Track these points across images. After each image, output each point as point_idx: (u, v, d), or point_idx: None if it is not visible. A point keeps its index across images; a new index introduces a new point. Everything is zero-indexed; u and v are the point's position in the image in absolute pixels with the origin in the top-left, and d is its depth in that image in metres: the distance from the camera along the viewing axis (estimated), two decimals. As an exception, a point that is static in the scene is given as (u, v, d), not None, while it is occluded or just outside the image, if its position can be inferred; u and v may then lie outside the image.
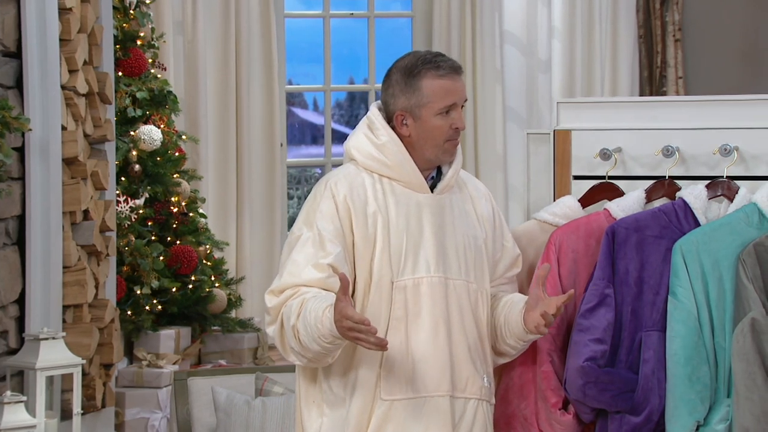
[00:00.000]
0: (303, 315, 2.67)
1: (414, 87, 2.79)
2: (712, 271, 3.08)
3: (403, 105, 2.81)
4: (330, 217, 2.77)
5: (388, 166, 2.82)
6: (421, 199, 2.83)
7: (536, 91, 6.79)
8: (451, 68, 2.81)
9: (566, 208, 3.32)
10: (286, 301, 2.72)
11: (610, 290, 3.13)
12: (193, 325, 5.43)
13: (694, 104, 3.51)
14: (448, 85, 2.80)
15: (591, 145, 3.42)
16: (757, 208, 3.14)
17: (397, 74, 2.83)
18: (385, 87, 2.87)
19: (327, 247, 2.73)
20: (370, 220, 2.78)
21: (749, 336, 2.99)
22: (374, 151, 2.82)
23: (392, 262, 2.77)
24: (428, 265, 2.79)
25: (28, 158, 3.78)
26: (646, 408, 3.07)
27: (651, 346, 3.10)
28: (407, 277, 2.78)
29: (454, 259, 2.83)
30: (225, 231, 6.19)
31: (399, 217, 2.80)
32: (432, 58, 2.82)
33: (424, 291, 2.79)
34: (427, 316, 2.78)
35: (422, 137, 2.81)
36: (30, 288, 3.78)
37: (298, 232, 2.80)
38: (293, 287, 2.73)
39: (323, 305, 2.64)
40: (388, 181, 2.82)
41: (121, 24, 5.23)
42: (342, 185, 2.80)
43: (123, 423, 4.88)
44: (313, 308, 2.65)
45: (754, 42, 6.96)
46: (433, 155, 2.84)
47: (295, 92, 7.00)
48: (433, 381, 2.77)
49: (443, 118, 2.80)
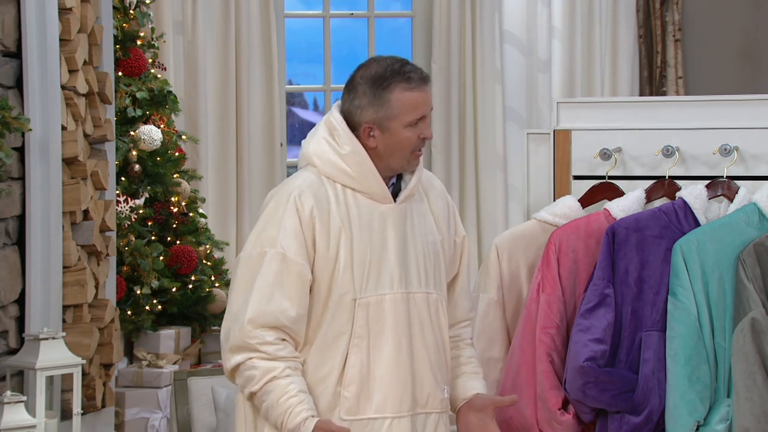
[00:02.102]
0: (272, 396, 2.63)
1: (383, 99, 2.70)
2: (712, 271, 3.08)
3: (370, 117, 2.72)
4: (294, 234, 2.68)
5: (351, 177, 2.73)
6: (384, 210, 2.75)
7: (536, 91, 6.79)
8: (420, 80, 2.73)
9: (566, 208, 3.32)
10: (254, 353, 2.65)
11: (610, 290, 3.13)
12: (193, 324, 5.43)
13: (694, 104, 3.51)
14: (418, 97, 2.72)
15: (591, 145, 3.42)
16: (757, 208, 3.14)
17: (364, 85, 2.73)
18: (349, 97, 2.75)
19: (296, 282, 2.67)
20: (333, 236, 2.70)
21: (749, 336, 2.99)
22: (337, 160, 2.74)
23: (354, 279, 2.71)
24: (391, 281, 2.73)
25: (28, 158, 3.78)
26: (646, 408, 3.07)
27: (651, 346, 3.10)
28: (370, 295, 2.71)
29: (415, 271, 2.77)
30: (225, 231, 6.19)
31: (362, 232, 2.72)
32: (400, 68, 2.73)
33: (387, 308, 2.72)
34: (390, 334, 2.72)
35: (389, 149, 2.73)
36: (30, 288, 3.77)
37: (260, 248, 2.69)
38: (267, 337, 2.65)
39: (303, 409, 2.62)
40: (351, 192, 2.74)
41: (121, 24, 5.23)
42: (307, 199, 2.70)
43: (123, 423, 4.88)
44: (288, 403, 2.62)
45: (754, 42, 6.96)
46: (399, 166, 2.77)
47: (295, 92, 7.00)
48: (395, 402, 2.72)
49: (412, 129, 2.73)
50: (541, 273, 3.20)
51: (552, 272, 3.18)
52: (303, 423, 2.62)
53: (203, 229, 5.58)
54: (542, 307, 3.18)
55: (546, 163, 3.56)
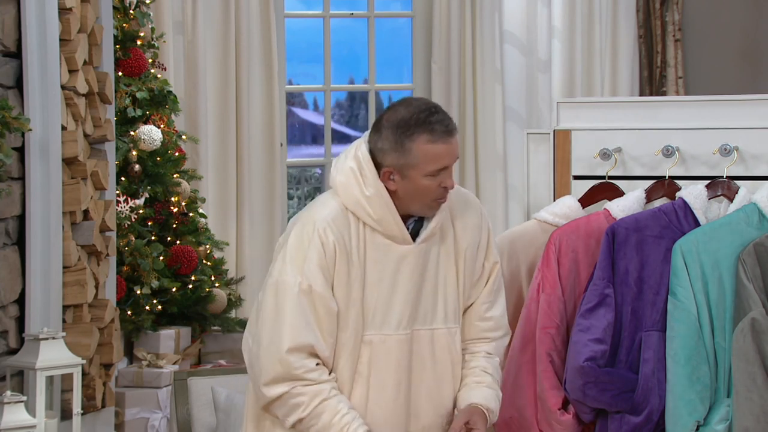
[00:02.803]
0: (324, 418, 2.65)
1: (405, 148, 2.69)
2: (712, 271, 3.08)
3: (391, 162, 2.71)
4: (319, 266, 2.69)
5: (373, 218, 2.73)
6: (402, 251, 2.75)
7: (536, 90, 6.79)
8: (445, 132, 2.71)
9: (566, 208, 3.32)
10: (298, 379, 2.66)
11: (610, 290, 3.13)
12: (193, 325, 5.43)
13: (694, 104, 3.51)
14: (440, 150, 2.71)
15: (591, 145, 3.42)
16: (757, 208, 3.14)
17: (388, 130, 2.71)
18: (374, 138, 2.74)
19: (321, 311, 2.68)
20: (351, 272, 2.71)
21: (749, 336, 2.99)
22: (361, 199, 2.73)
23: (364, 316, 2.72)
24: (399, 323, 2.73)
25: (28, 158, 3.78)
26: (646, 408, 3.07)
27: (651, 346, 3.10)
28: (374, 332, 2.72)
29: (423, 308, 2.77)
30: (225, 231, 6.18)
31: (375, 271, 2.73)
32: (426, 118, 2.70)
33: (391, 348, 2.73)
34: (391, 375, 2.74)
35: (409, 195, 2.73)
36: (30, 288, 3.77)
37: (287, 277, 2.70)
38: (309, 364, 2.66)
39: (359, 424, 2.65)
40: (370, 230, 2.74)
41: (121, 24, 5.23)
42: (330, 232, 2.71)
43: (123, 423, 4.88)
44: (342, 420, 2.64)
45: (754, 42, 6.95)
46: (419, 210, 2.76)
47: (295, 92, 6.99)
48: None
49: (432, 179, 2.72)
50: (541, 273, 3.20)
51: (552, 272, 3.18)
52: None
53: (203, 229, 5.58)
54: (542, 307, 3.18)
55: (546, 163, 3.56)
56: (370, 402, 2.73)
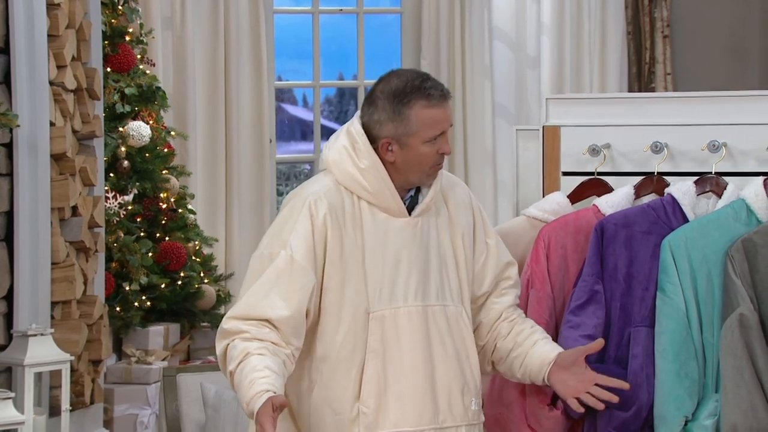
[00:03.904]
0: (241, 369, 2.60)
1: (402, 116, 2.70)
2: (700, 266, 3.09)
3: (389, 132, 2.71)
4: (304, 238, 2.68)
5: (368, 191, 2.73)
6: (400, 225, 2.75)
7: (525, 87, 6.79)
8: (441, 96, 2.73)
9: (555, 204, 3.32)
10: (238, 335, 2.65)
11: (599, 286, 3.13)
12: (182, 321, 5.42)
13: (682, 100, 3.51)
14: (437, 114, 2.72)
15: (580, 141, 3.42)
16: (746, 204, 3.14)
17: (384, 100, 2.72)
18: (369, 111, 2.75)
19: (296, 283, 2.66)
20: (346, 246, 2.70)
21: (737, 331, 3.00)
22: (355, 173, 2.73)
23: (368, 292, 2.70)
24: (406, 295, 2.72)
25: (16, 154, 3.77)
26: (635, 403, 3.08)
27: (640, 341, 3.10)
28: (384, 308, 2.71)
29: (432, 284, 2.76)
30: (214, 227, 6.18)
31: (375, 245, 2.72)
32: (420, 84, 2.71)
33: (402, 322, 2.72)
34: (406, 348, 2.71)
35: (408, 164, 2.73)
36: (18, 284, 3.76)
37: (271, 249, 2.71)
38: (249, 325, 2.65)
39: (264, 383, 2.55)
40: (366, 204, 2.74)
41: (109, 20, 5.21)
42: (321, 205, 2.70)
43: (112, 419, 4.87)
44: (252, 376, 2.57)
45: (742, 38, 6.97)
46: (417, 180, 2.77)
47: (285, 88, 6.98)
48: (414, 415, 2.71)
49: (431, 145, 2.73)
50: (530, 269, 3.20)
51: (541, 268, 3.18)
52: (257, 395, 2.54)
53: (192, 226, 5.57)
54: (531, 303, 3.18)
55: (535, 159, 3.56)
56: (389, 379, 2.69)
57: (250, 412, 2.54)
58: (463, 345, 2.81)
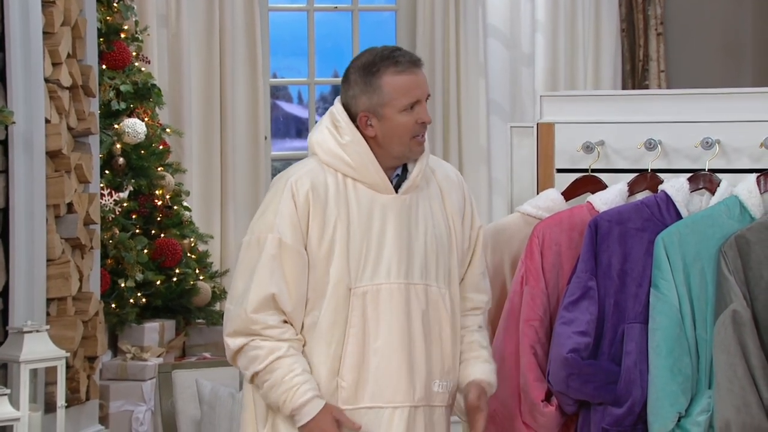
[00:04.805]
0: (276, 375, 2.66)
1: (374, 86, 2.71)
2: (693, 263, 3.09)
3: (365, 105, 2.72)
4: (290, 219, 2.70)
5: (352, 166, 2.74)
6: (385, 201, 2.74)
7: (519, 84, 6.79)
8: (410, 62, 2.73)
9: (549, 201, 3.32)
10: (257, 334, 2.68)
11: (593, 283, 3.13)
12: (177, 317, 5.42)
13: (676, 98, 3.51)
14: (409, 80, 2.72)
15: (574, 138, 3.43)
16: (739, 201, 3.14)
17: (355, 74, 2.74)
18: (344, 88, 2.76)
19: (293, 265, 2.69)
20: (328, 223, 2.71)
21: (730, 328, 3.00)
22: (337, 150, 2.74)
23: (350, 268, 2.70)
24: (389, 271, 2.72)
25: (12, 151, 3.77)
26: (629, 399, 3.08)
27: (633, 338, 3.11)
28: (366, 284, 2.71)
29: (418, 263, 2.75)
30: (209, 224, 6.17)
31: (360, 221, 2.72)
32: (389, 53, 2.73)
33: (384, 298, 2.72)
34: (386, 325, 2.71)
35: (388, 136, 2.73)
36: (14, 281, 3.76)
37: (259, 234, 2.72)
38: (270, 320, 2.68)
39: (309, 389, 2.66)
40: (351, 181, 2.74)
41: (104, 17, 5.20)
42: (303, 184, 2.72)
43: (107, 416, 4.87)
44: (294, 381, 2.65)
45: (735, 36, 6.97)
46: (401, 153, 2.75)
47: (280, 85, 6.97)
48: (391, 392, 2.71)
49: (408, 114, 2.72)
50: (525, 265, 3.21)
51: (535, 265, 3.19)
52: (309, 402, 2.65)
53: (187, 222, 5.57)
54: (526, 299, 3.18)
55: (529, 156, 3.56)
56: (367, 354, 2.70)
57: (295, 415, 2.67)
58: (439, 326, 2.79)
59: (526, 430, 3.16)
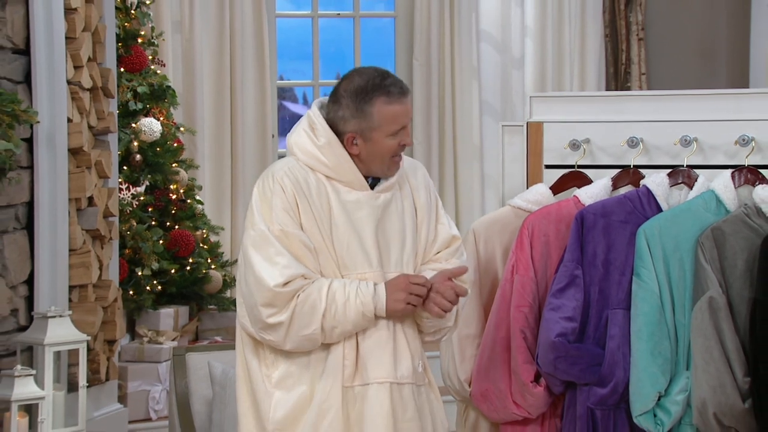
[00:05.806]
0: (338, 298, 2.63)
1: (366, 113, 2.69)
2: (673, 253, 3.09)
3: (353, 128, 2.71)
4: (285, 211, 2.69)
5: (328, 166, 2.73)
6: (361, 197, 2.74)
7: (510, 86, 6.79)
8: (399, 93, 2.71)
9: (538, 195, 3.32)
10: (298, 291, 2.64)
11: (579, 271, 3.13)
12: (190, 304, 5.42)
13: (656, 98, 3.51)
14: (398, 110, 2.71)
15: (561, 136, 3.42)
16: (715, 195, 3.14)
17: (347, 98, 2.71)
18: (334, 108, 2.74)
19: (297, 245, 2.67)
20: (314, 216, 2.70)
21: (707, 313, 3.00)
22: (314, 151, 2.73)
23: (337, 258, 2.70)
24: (370, 262, 2.72)
25: (36, 148, 3.77)
26: (612, 380, 3.08)
27: (617, 323, 3.11)
28: (351, 273, 2.71)
29: (392, 255, 2.76)
30: (220, 216, 6.18)
31: (341, 215, 2.72)
32: (381, 82, 2.71)
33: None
34: None
35: (371, 155, 2.73)
36: (38, 269, 3.76)
37: (259, 228, 2.69)
38: (299, 279, 2.64)
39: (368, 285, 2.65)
40: (328, 179, 2.74)
41: (122, 23, 5.20)
42: (287, 178, 2.71)
43: (125, 395, 4.88)
44: (353, 293, 2.64)
45: (711, 41, 6.97)
46: (380, 170, 2.76)
47: (286, 87, 6.97)
48: (376, 369, 2.71)
49: (393, 138, 2.72)
50: (515, 255, 3.20)
51: (525, 255, 3.18)
52: (375, 291, 2.65)
53: (200, 215, 5.57)
54: (516, 287, 3.18)
55: (520, 153, 3.56)
56: (359, 335, 2.69)
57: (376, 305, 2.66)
58: (416, 315, 2.78)
59: (517, 408, 3.16)
